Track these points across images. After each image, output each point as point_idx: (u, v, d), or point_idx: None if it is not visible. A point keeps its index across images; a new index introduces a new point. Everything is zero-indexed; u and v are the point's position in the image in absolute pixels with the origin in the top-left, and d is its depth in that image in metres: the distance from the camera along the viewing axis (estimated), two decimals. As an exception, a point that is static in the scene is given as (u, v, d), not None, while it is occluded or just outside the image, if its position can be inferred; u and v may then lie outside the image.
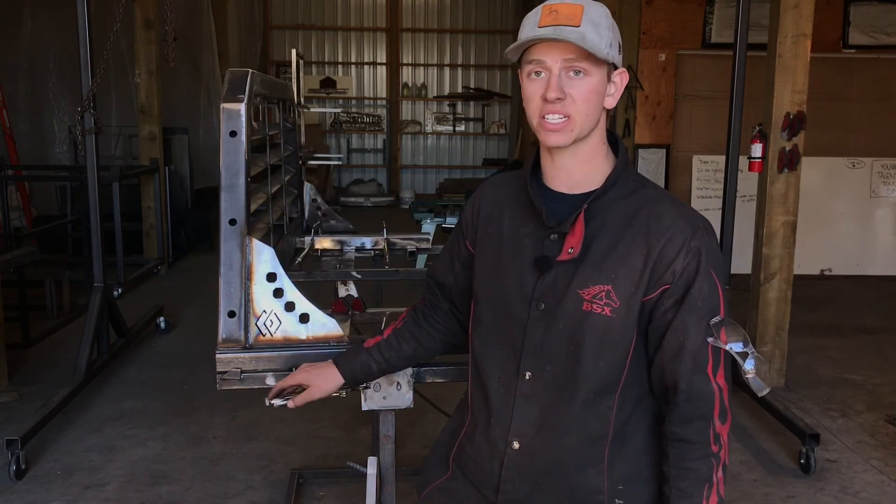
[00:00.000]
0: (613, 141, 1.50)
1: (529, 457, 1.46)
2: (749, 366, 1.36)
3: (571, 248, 1.40)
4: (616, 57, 1.42)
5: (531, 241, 1.45)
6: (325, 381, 1.73)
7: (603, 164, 1.45)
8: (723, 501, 1.38)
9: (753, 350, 1.38)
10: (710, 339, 1.36)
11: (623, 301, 1.37)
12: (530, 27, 1.40)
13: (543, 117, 1.40)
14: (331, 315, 1.88)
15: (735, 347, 1.36)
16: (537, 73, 1.40)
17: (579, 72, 1.38)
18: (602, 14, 1.40)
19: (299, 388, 1.73)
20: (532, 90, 1.41)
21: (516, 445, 1.46)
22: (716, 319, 1.36)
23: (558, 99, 1.38)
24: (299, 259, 2.86)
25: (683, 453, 1.37)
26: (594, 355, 1.39)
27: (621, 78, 1.44)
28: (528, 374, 1.44)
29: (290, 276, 1.83)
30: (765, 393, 1.39)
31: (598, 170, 1.44)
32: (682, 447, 1.37)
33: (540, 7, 1.41)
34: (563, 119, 1.39)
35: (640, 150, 7.17)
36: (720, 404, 1.37)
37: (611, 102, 1.44)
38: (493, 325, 1.51)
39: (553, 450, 1.44)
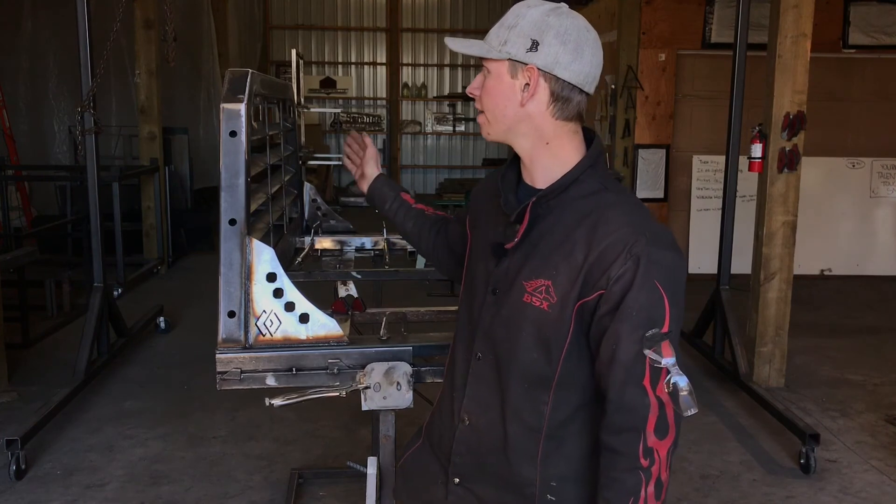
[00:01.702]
0: (592, 140, 1.51)
1: (476, 435, 1.51)
2: (682, 383, 1.31)
3: (517, 237, 1.44)
4: (518, 54, 1.40)
5: (501, 229, 1.50)
6: (375, 159, 2.07)
7: (570, 160, 1.45)
8: None
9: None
10: (645, 352, 1.31)
11: (559, 298, 1.37)
12: None
13: None
14: (331, 315, 1.88)
15: (669, 362, 1.31)
16: None
17: (489, 70, 1.45)
18: (514, 14, 1.42)
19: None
20: None
21: (467, 421, 1.52)
22: (653, 332, 1.31)
23: (472, 95, 1.50)
24: (299, 259, 2.86)
25: (611, 463, 1.35)
26: (528, 347, 1.42)
27: (531, 75, 1.40)
28: (479, 355, 1.50)
29: (290, 276, 1.83)
30: (691, 413, 1.31)
31: (565, 166, 1.45)
32: (611, 457, 1.35)
33: None
34: (482, 114, 1.49)
35: (640, 150, 7.16)
36: (658, 419, 1.33)
37: (525, 100, 1.41)
38: (466, 304, 1.58)
39: (494, 432, 1.48)
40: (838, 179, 7.29)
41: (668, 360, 1.31)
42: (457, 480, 1.55)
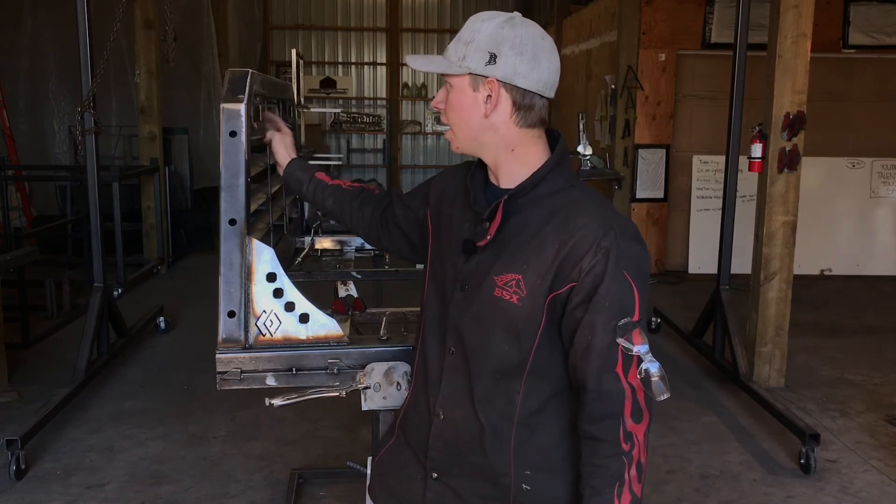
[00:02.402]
0: (557, 140, 1.55)
1: (452, 428, 1.54)
2: (654, 369, 1.37)
3: (489, 234, 1.48)
4: (477, 68, 1.44)
5: (469, 226, 1.54)
6: (284, 144, 1.98)
7: (535, 163, 1.50)
8: (637, 500, 1.41)
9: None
10: (619, 340, 1.37)
11: (529, 291, 1.42)
12: None
13: None
14: (331, 315, 1.88)
15: (642, 350, 1.37)
16: None
17: (451, 85, 1.49)
18: (470, 29, 1.46)
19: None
20: None
21: (442, 415, 1.55)
22: (625, 321, 1.37)
23: (437, 109, 1.54)
24: (299, 259, 2.86)
25: (594, 451, 1.40)
26: (499, 340, 1.46)
27: (492, 87, 1.44)
28: (452, 349, 1.54)
29: (290, 276, 1.83)
30: (664, 398, 1.37)
31: (531, 168, 1.49)
32: (593, 445, 1.40)
33: None
34: (448, 128, 1.54)
35: (640, 150, 7.17)
36: (632, 404, 1.39)
37: (489, 111, 1.46)
38: (435, 300, 1.60)
39: (469, 424, 1.51)
40: (838, 179, 7.29)
41: (639, 348, 1.37)
42: (435, 475, 1.57)
